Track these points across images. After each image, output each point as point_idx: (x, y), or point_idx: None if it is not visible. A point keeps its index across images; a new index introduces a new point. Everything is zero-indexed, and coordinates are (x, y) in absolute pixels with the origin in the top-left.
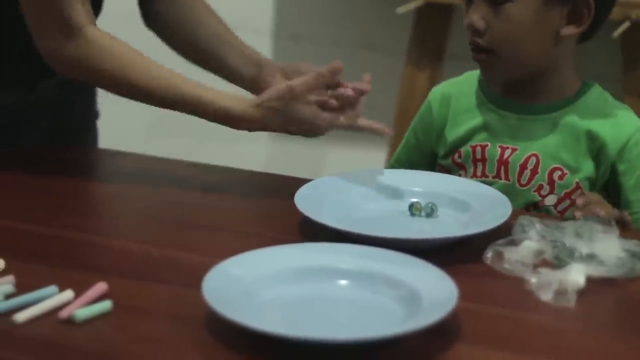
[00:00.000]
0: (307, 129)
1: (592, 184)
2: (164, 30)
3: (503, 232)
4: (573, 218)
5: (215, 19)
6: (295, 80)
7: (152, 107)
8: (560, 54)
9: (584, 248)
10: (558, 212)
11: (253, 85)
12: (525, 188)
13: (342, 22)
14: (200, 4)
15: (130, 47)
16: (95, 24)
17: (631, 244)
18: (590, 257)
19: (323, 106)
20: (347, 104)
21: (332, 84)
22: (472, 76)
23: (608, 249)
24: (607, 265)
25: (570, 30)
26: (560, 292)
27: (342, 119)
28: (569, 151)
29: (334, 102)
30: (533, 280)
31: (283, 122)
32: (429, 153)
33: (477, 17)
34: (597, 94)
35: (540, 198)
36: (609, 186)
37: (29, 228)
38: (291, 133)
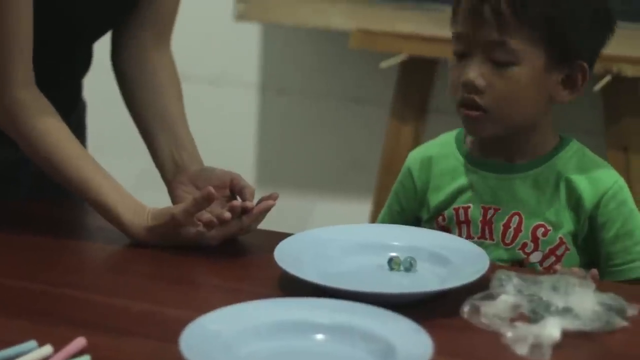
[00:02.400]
0: (196, 244)
1: (575, 238)
2: (125, 92)
3: (481, 286)
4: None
5: (170, 99)
6: (177, 208)
7: (139, 160)
8: (544, 115)
9: (560, 302)
10: (544, 268)
11: (168, 184)
12: (509, 247)
13: (328, 75)
14: (166, 78)
15: (58, 123)
16: (32, 83)
17: (607, 298)
18: (567, 311)
19: (219, 218)
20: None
21: (235, 191)
22: (448, 137)
23: (584, 303)
24: (583, 319)
25: (564, 96)
26: (536, 346)
27: (231, 228)
28: (550, 207)
29: (228, 215)
30: (509, 334)
31: (171, 242)
32: (412, 218)
33: (476, 74)
34: (575, 149)
35: (525, 256)
36: (588, 240)
37: (8, 283)
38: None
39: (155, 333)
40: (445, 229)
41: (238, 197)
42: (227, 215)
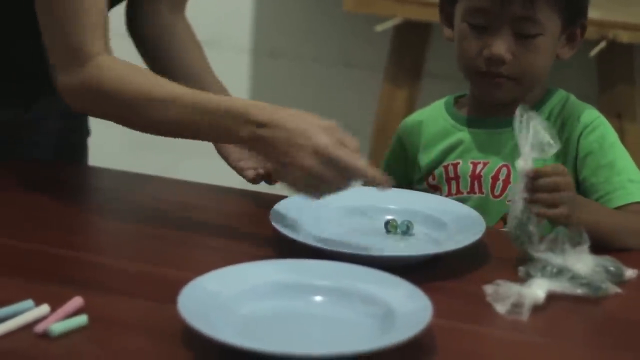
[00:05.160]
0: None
1: None
2: (147, 55)
3: (478, 250)
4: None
5: (195, 55)
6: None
7: None
8: None
9: (555, 264)
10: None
11: None
12: (499, 199)
13: (321, 39)
14: (186, 37)
15: (146, 71)
16: (111, 53)
17: (603, 261)
18: (561, 274)
19: None
20: None
21: None
22: (438, 104)
23: (580, 266)
24: (575, 283)
25: (566, 52)
26: (517, 305)
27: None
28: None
29: None
30: (489, 291)
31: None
32: (404, 183)
33: (504, 49)
34: (560, 96)
35: None
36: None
37: (6, 242)
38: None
39: (152, 293)
40: (436, 187)
41: None
42: None
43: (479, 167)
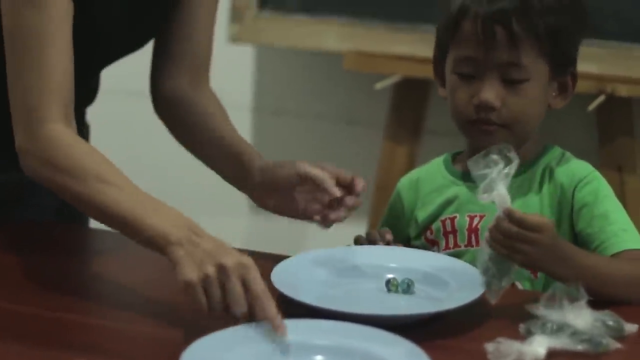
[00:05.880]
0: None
1: None
2: (175, 133)
3: (478, 307)
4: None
5: (219, 122)
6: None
7: (141, 181)
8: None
9: (555, 320)
10: (530, 271)
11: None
12: None
13: (322, 97)
14: (209, 107)
15: (91, 149)
16: (68, 123)
17: (602, 315)
18: (561, 330)
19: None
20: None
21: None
22: (436, 161)
23: (580, 322)
24: (576, 340)
25: (558, 102)
26: None
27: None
28: (535, 209)
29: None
30: (490, 349)
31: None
32: (402, 239)
33: (493, 95)
34: (556, 153)
35: None
36: (573, 239)
37: (5, 306)
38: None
39: (153, 356)
40: (433, 242)
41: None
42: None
43: (476, 220)
